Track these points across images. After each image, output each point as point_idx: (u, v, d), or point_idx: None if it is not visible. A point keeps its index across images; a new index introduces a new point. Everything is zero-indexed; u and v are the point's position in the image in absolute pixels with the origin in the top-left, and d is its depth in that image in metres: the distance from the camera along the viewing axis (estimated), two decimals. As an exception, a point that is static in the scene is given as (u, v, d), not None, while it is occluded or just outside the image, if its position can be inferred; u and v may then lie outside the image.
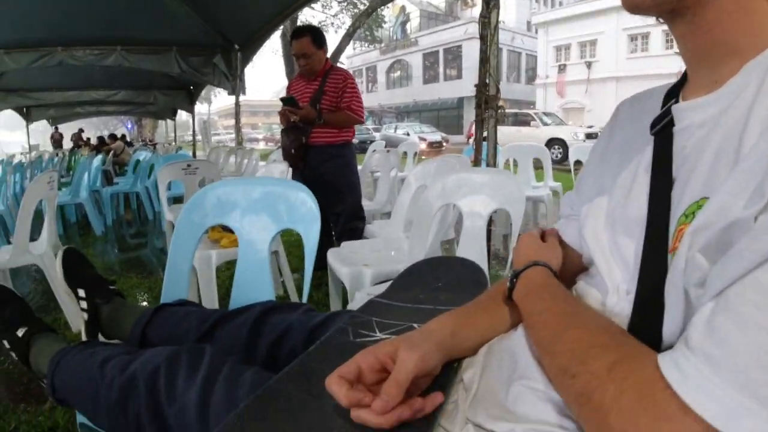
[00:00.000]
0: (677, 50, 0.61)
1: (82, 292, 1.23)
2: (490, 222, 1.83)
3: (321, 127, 3.01)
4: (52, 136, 15.20)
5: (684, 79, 0.64)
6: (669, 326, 0.50)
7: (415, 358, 0.58)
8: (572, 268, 0.79)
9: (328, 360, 0.77)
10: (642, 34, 24.18)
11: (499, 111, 3.71)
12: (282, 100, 3.03)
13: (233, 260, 2.28)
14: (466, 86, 30.07)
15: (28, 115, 12.42)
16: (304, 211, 1.30)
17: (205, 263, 2.22)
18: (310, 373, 0.73)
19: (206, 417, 0.70)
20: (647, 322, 0.53)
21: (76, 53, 6.96)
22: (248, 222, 1.36)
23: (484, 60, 3.49)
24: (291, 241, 4.18)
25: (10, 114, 12.51)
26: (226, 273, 3.20)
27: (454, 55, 32.56)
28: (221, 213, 1.38)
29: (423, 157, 5.46)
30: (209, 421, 0.70)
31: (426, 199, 1.88)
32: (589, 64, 26.58)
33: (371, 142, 11.03)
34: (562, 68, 27.92)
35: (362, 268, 1.93)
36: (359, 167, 4.66)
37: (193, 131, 12.64)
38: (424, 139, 16.74)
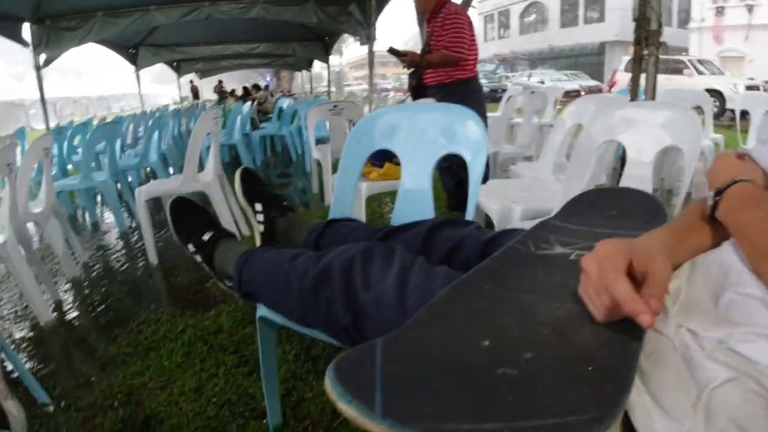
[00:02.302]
0: None
1: (259, 206, 1.34)
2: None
3: (432, 68, 3.10)
4: (191, 89, 16.71)
5: None
6: None
7: (670, 269, 0.57)
8: None
9: (514, 265, 0.78)
10: (814, -24, 20.15)
11: (661, 48, 3.39)
12: (388, 51, 3.24)
13: (381, 193, 2.39)
14: (608, 30, 27.55)
15: (179, 68, 13.63)
16: (472, 138, 1.30)
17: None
18: (500, 273, 0.74)
19: (404, 302, 0.75)
20: None
21: (222, 7, 7.46)
22: (412, 146, 1.39)
23: (646, -10, 3.17)
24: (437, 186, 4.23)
25: (161, 69, 13.80)
26: (371, 207, 3.34)
27: (596, -6, 29.81)
28: (387, 137, 1.42)
29: (558, 107, 5.15)
30: (407, 305, 0.74)
31: (587, 134, 1.78)
32: (750, 8, 22.90)
33: (503, 90, 10.59)
34: (719, 11, 24.36)
35: (511, 204, 1.91)
36: (495, 114, 4.54)
37: (328, 81, 13.10)
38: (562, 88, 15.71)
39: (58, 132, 4.79)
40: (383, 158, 2.50)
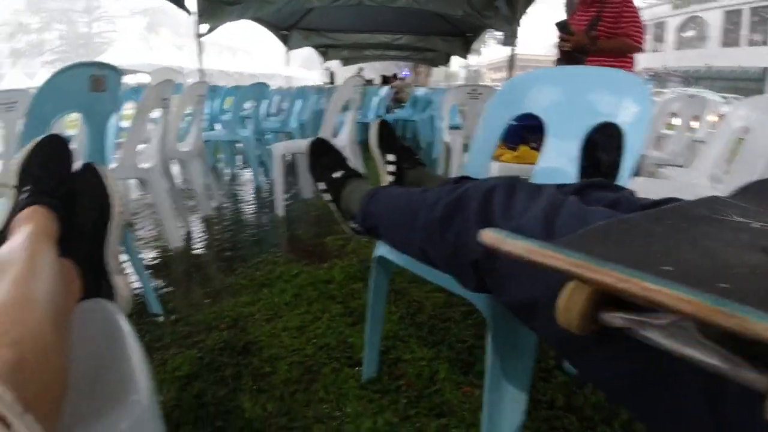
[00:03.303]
0: None
1: (391, 157, 1.33)
2: None
3: (596, 55, 2.77)
4: (328, 75, 17.47)
5: None
6: None
7: None
8: None
9: (686, 220, 0.66)
10: None
11: None
12: (556, 24, 2.85)
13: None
14: (772, 56, 24.72)
15: (326, 54, 14.17)
16: (632, 106, 1.16)
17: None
18: (671, 221, 0.63)
19: (551, 236, 0.66)
20: None
21: (373, -6, 7.60)
22: (563, 112, 1.27)
23: None
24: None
25: (308, 54, 14.44)
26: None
27: (762, 16, 26.65)
28: (535, 101, 1.32)
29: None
30: (555, 237, 0.65)
31: (757, 133, 1.54)
32: None
33: (651, 107, 9.76)
34: None
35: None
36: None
37: (466, 78, 12.98)
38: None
39: (212, 90, 5.17)
40: (519, 141, 2.37)
